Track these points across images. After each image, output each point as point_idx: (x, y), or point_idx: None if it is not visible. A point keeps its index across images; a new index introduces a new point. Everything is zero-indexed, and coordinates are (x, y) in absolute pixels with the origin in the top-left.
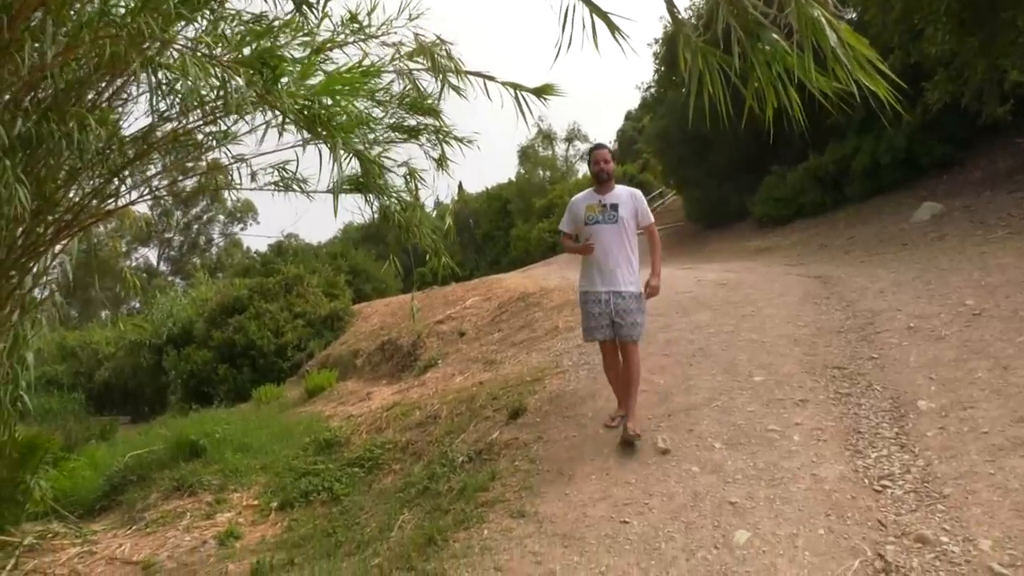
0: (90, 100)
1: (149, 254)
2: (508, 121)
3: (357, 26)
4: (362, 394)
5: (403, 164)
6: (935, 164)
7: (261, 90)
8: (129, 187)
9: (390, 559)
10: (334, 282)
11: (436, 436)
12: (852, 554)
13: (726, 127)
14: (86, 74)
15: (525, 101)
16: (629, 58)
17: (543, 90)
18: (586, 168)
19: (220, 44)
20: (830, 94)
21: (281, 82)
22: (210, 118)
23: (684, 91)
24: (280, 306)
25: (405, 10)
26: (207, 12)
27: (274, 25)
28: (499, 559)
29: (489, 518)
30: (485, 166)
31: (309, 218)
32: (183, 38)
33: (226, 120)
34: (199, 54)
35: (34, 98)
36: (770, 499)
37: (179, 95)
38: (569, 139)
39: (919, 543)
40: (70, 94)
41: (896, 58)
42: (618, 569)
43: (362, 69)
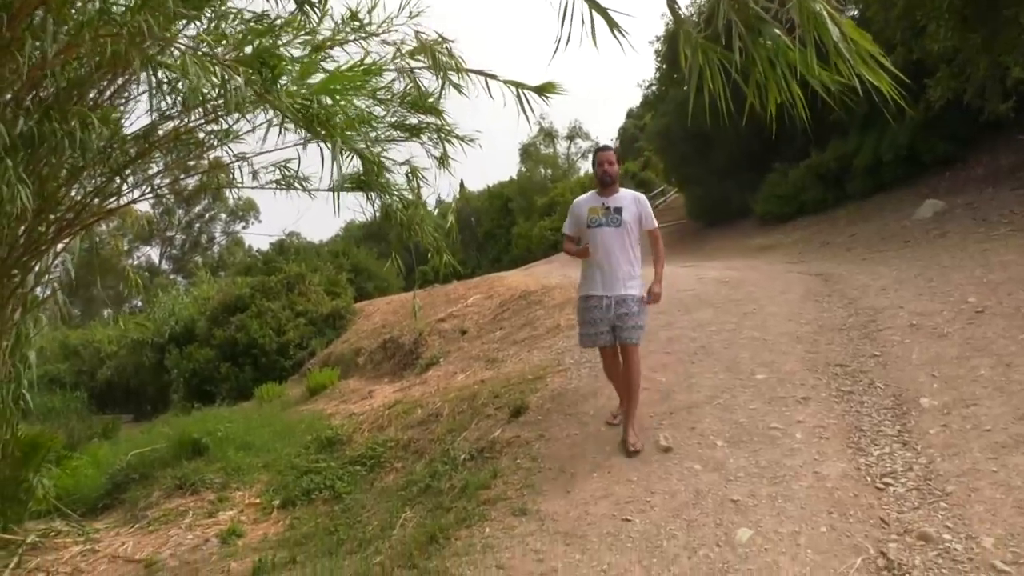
0: (91, 99)
1: (151, 252)
2: (509, 119)
3: (358, 24)
4: (364, 392)
5: (405, 163)
6: (937, 161)
7: (260, 89)
8: (131, 185)
9: (392, 557)
10: (336, 280)
11: (438, 434)
12: (854, 552)
13: (727, 124)
14: (87, 73)
15: (527, 99)
16: (630, 55)
17: (545, 88)
18: (588, 166)
19: (222, 43)
20: (832, 89)
21: (280, 81)
22: (211, 116)
23: (685, 88)
24: (282, 304)
25: (405, 8)
26: (208, 11)
27: (276, 24)
28: (501, 557)
29: (491, 516)
30: (487, 164)
31: (311, 216)
32: (184, 37)
33: (227, 119)
34: (199, 53)
35: (36, 97)
36: (772, 497)
37: (181, 94)
38: (571, 137)
39: (922, 541)
40: (72, 93)
41: (898, 55)
42: (620, 567)
43: (364, 67)
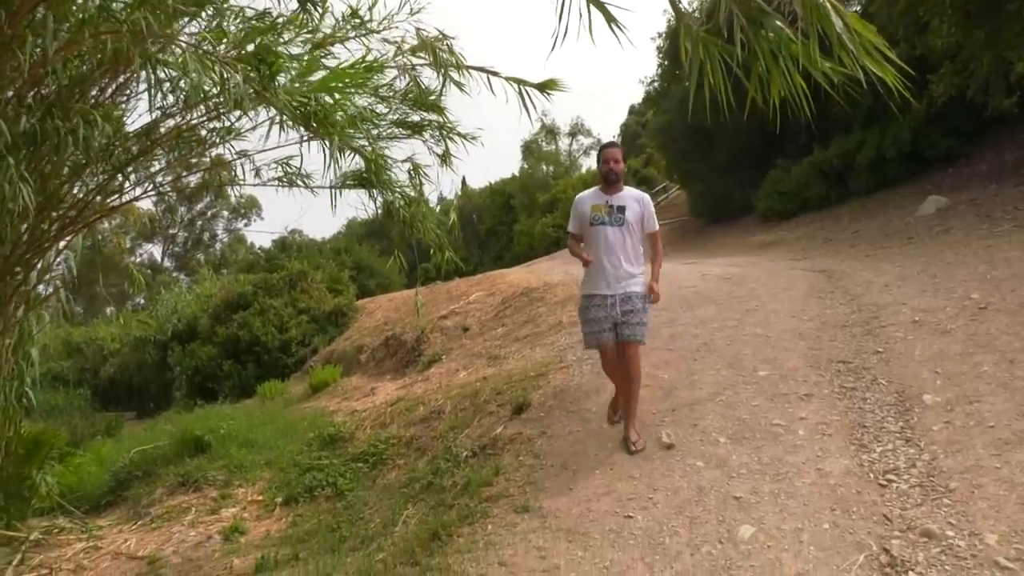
0: (93, 96)
1: (153, 250)
2: (511, 116)
3: (358, 21)
4: (366, 389)
5: (407, 160)
6: (940, 157)
7: (258, 86)
8: (133, 183)
9: (394, 554)
10: (338, 278)
11: (440, 431)
12: (857, 548)
13: (729, 121)
14: (89, 70)
15: (528, 96)
16: (632, 52)
17: (546, 85)
18: (590, 162)
19: (223, 41)
20: (836, 81)
21: (278, 79)
22: (213, 114)
23: (687, 84)
24: (284, 302)
25: (406, 5)
26: (209, 8)
27: (278, 22)
28: (503, 554)
29: (493, 513)
30: (488, 161)
31: (313, 214)
32: (186, 34)
33: (229, 116)
34: (199, 51)
35: (37, 94)
36: (775, 494)
37: (183, 92)
38: (572, 134)
39: (925, 537)
40: (74, 90)
41: (901, 51)
42: (622, 564)
43: (365, 64)
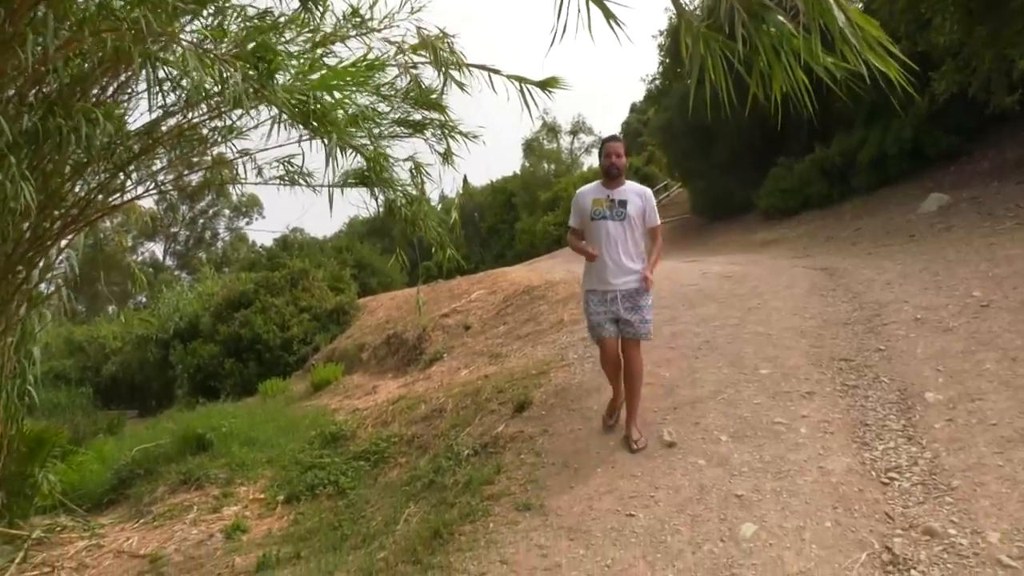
0: (94, 95)
1: (155, 249)
2: (513, 114)
3: (359, 20)
4: (368, 388)
5: (409, 159)
6: (942, 155)
7: (256, 84)
8: (135, 182)
9: (396, 552)
10: (340, 276)
11: (442, 429)
12: (859, 547)
13: (730, 118)
14: (90, 69)
15: (530, 94)
16: (634, 50)
17: (548, 83)
18: (592, 161)
19: (225, 40)
20: (838, 77)
21: (276, 77)
22: (215, 113)
23: (688, 82)
24: (286, 300)
25: (407, 3)
26: (211, 7)
27: (279, 21)
28: (505, 552)
29: (495, 511)
30: (490, 159)
31: (314, 212)
32: (188, 32)
33: (231, 115)
34: (199, 50)
35: (39, 93)
36: (777, 492)
37: (184, 91)
38: (574, 132)
39: (927, 535)
40: (75, 89)
41: (903, 48)
42: (624, 562)
43: (366, 63)
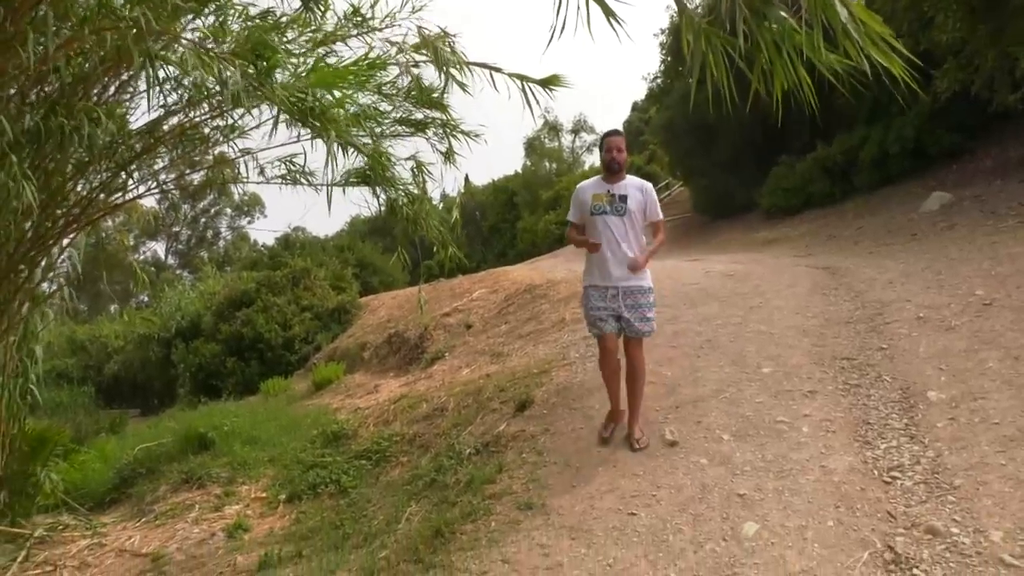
0: (96, 94)
1: (157, 248)
2: (514, 113)
3: (360, 19)
4: (369, 387)
5: (410, 158)
6: (944, 153)
7: (255, 82)
8: (137, 181)
9: (397, 551)
10: (341, 275)
11: (443, 428)
12: (862, 546)
13: (731, 116)
14: (92, 68)
15: (532, 92)
16: (635, 49)
17: (550, 81)
18: (593, 159)
19: (227, 39)
20: (841, 72)
21: (276, 76)
22: (216, 112)
23: (690, 80)
24: (287, 299)
25: (408, 3)
26: (212, 5)
27: (281, 21)
28: (506, 551)
29: (496, 510)
30: (491, 158)
31: (316, 211)
32: (190, 31)
33: (233, 114)
34: (199, 48)
35: (40, 92)
36: (779, 491)
37: (186, 90)
38: (575, 131)
39: (929, 535)
40: (77, 88)
41: (905, 46)
42: (626, 561)
43: (368, 62)
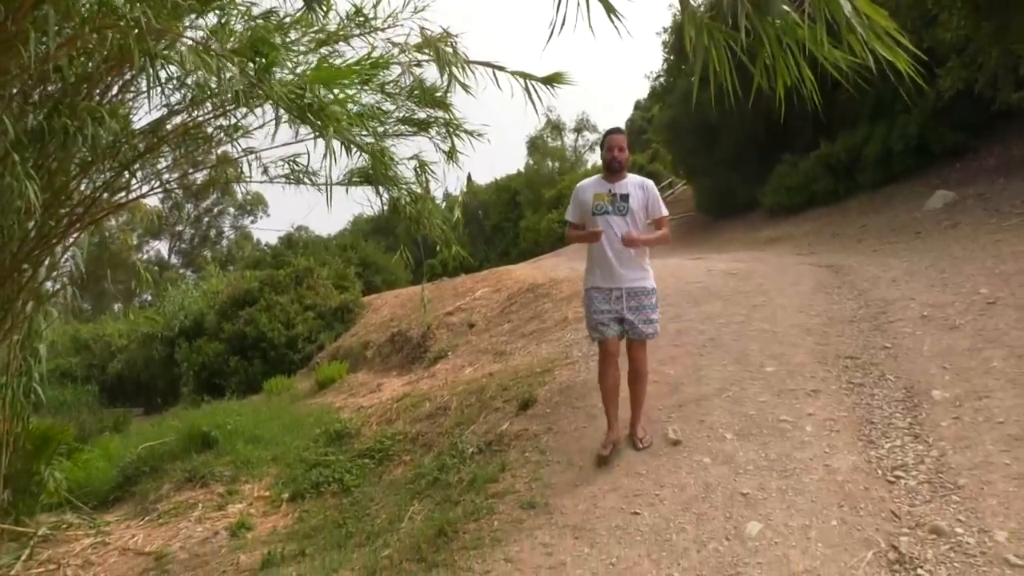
0: (99, 94)
1: (160, 247)
2: (517, 111)
3: (363, 19)
4: (372, 385)
5: (413, 157)
6: (948, 152)
7: (254, 78)
8: (140, 180)
9: (400, 550)
10: (344, 274)
11: (446, 427)
12: (865, 545)
13: (734, 113)
14: (95, 67)
15: (535, 90)
16: (638, 48)
17: (553, 79)
18: (596, 158)
19: (231, 39)
20: (844, 67)
21: (276, 73)
22: (219, 111)
23: (692, 79)
24: (291, 298)
25: (410, 3)
26: (214, 6)
27: (285, 22)
28: (509, 550)
29: (499, 509)
30: (494, 157)
31: (319, 210)
32: (193, 30)
33: (236, 113)
34: (199, 46)
35: (43, 91)
36: (782, 490)
37: (190, 89)
38: (578, 129)
39: (933, 534)
40: (79, 87)
41: (908, 43)
42: (628, 560)
43: (371, 61)
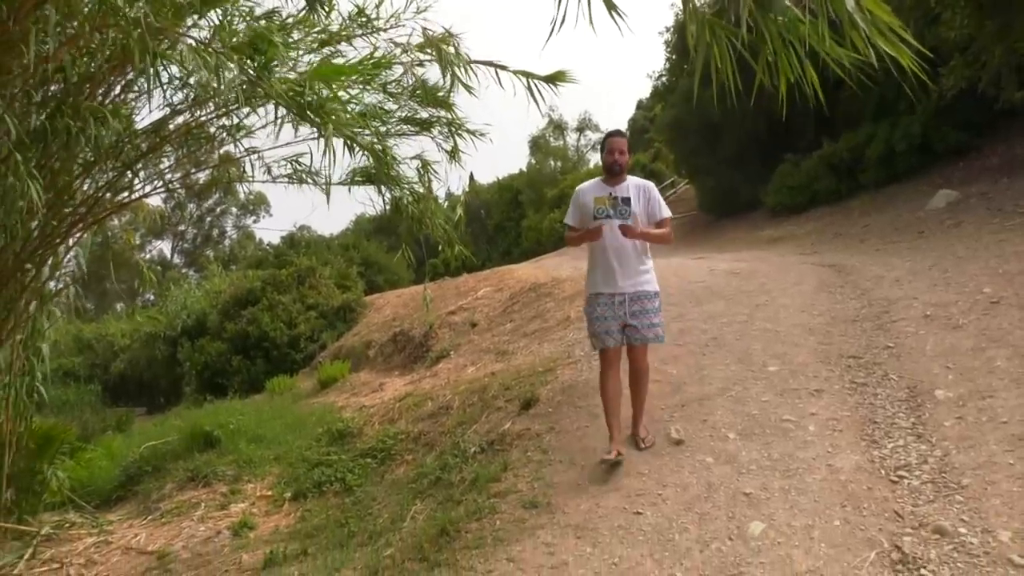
0: (101, 94)
1: (163, 247)
2: (519, 110)
3: (365, 19)
4: (374, 385)
5: (416, 157)
6: (951, 151)
7: (253, 76)
8: (143, 180)
9: (402, 550)
10: (346, 274)
11: (448, 427)
12: (868, 545)
13: (737, 113)
14: (97, 67)
15: (537, 89)
16: (640, 47)
17: (555, 77)
18: (598, 158)
19: (234, 39)
20: (847, 64)
21: (275, 70)
22: (222, 111)
23: (694, 76)
24: (293, 298)
25: (412, 3)
26: (215, 5)
27: (287, 22)
28: (511, 550)
29: (501, 509)
30: (496, 156)
31: (321, 210)
32: (196, 29)
33: (238, 113)
34: (199, 45)
35: (46, 91)
36: (785, 490)
37: (192, 89)
38: (580, 129)
39: (937, 534)
40: (82, 87)
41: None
42: (631, 560)
43: (373, 60)
